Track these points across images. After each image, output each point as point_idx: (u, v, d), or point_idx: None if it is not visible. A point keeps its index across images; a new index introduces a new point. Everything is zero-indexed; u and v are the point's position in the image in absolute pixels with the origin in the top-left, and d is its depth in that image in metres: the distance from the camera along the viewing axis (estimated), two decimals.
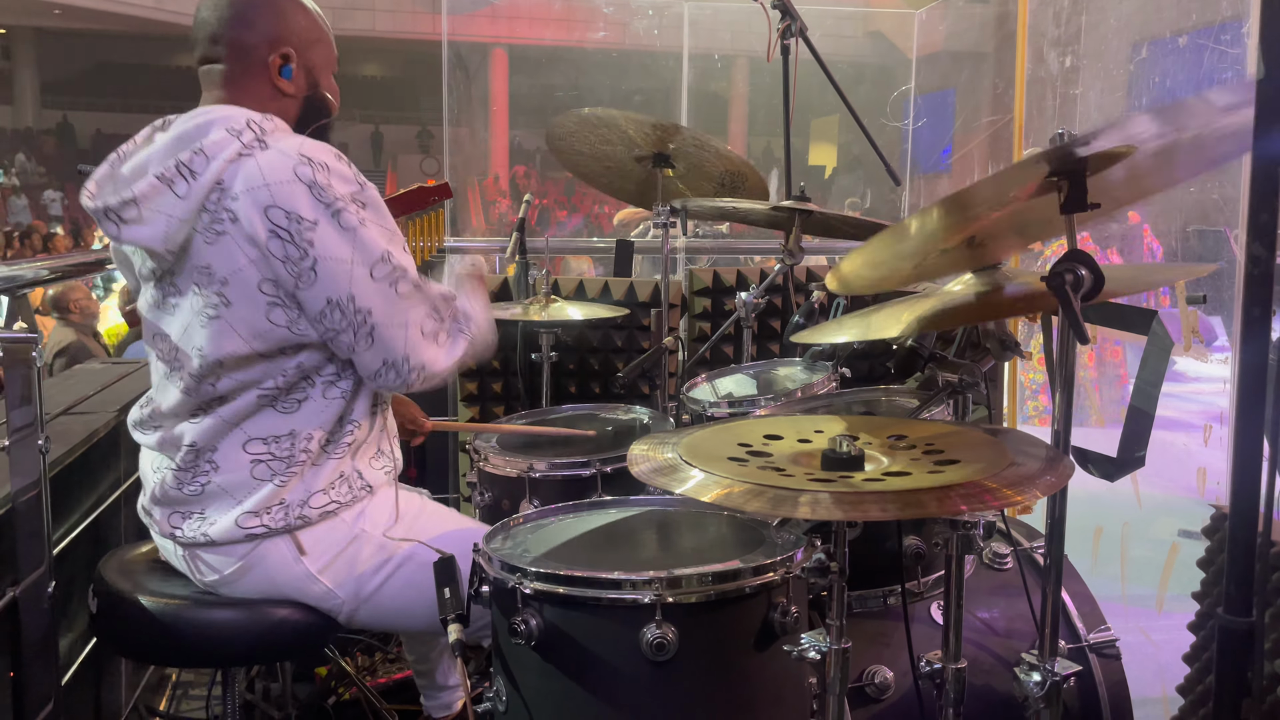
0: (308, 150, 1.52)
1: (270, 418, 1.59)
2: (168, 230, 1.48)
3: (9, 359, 1.66)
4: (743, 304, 2.35)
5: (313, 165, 1.50)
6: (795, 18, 2.55)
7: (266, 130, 1.53)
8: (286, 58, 1.63)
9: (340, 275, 1.50)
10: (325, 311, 1.52)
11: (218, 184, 1.48)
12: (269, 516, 1.59)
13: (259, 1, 1.62)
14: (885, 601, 1.77)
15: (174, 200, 1.48)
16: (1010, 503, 1.08)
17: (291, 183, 1.48)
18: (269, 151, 1.50)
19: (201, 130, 1.50)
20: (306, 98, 1.68)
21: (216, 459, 1.59)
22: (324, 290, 1.50)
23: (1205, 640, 2.11)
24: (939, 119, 7.41)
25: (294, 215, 1.47)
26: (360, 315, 1.53)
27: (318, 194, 1.49)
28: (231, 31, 1.60)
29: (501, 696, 1.40)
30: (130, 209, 1.49)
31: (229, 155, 1.48)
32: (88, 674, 2.04)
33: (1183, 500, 3.29)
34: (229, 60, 1.61)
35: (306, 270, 1.49)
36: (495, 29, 11.65)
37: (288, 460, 1.60)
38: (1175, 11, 3.68)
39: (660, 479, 1.22)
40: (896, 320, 1.43)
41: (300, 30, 1.65)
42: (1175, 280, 2.57)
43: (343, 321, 1.53)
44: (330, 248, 1.49)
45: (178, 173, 1.48)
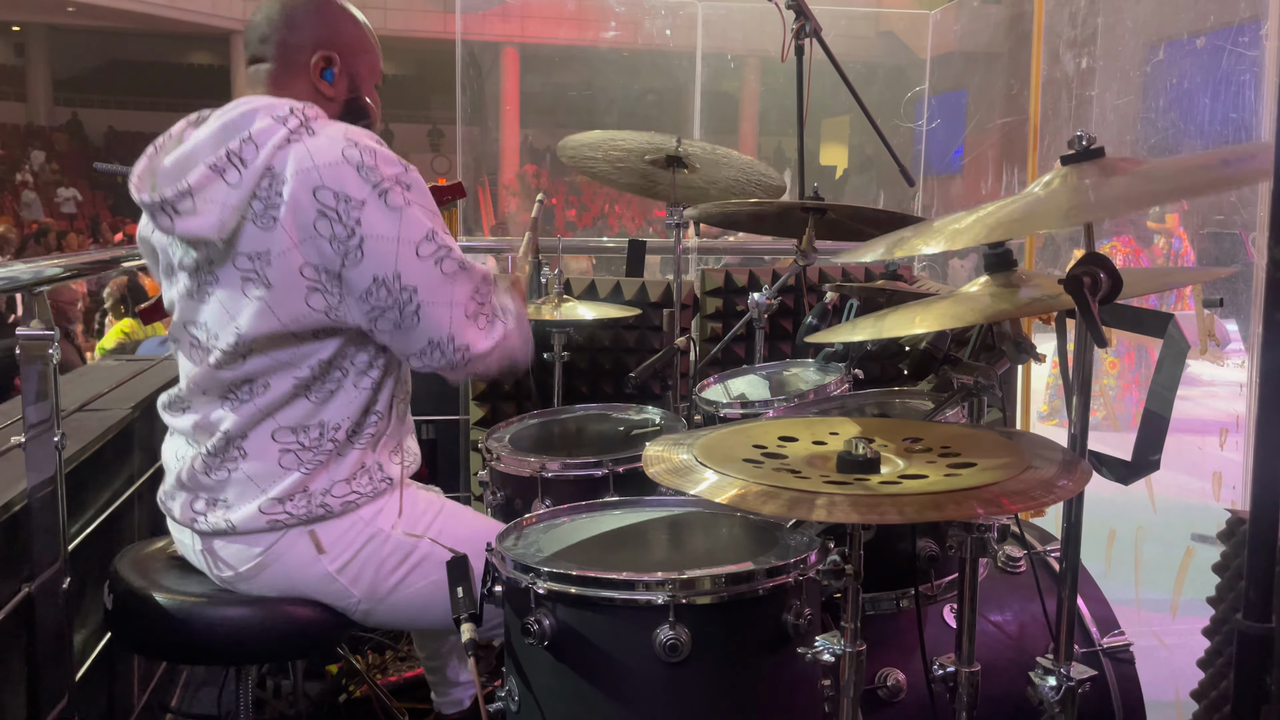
0: (353, 134, 1.55)
1: (301, 407, 1.60)
2: (222, 219, 1.50)
3: (26, 355, 1.67)
4: (755, 304, 2.35)
5: (359, 147, 1.53)
6: (809, 18, 2.55)
7: (310, 117, 1.56)
8: (329, 61, 1.67)
9: (387, 253, 1.52)
10: (371, 289, 1.53)
11: (268, 169, 1.50)
12: (291, 504, 1.60)
13: (308, 6, 1.67)
14: (898, 604, 1.76)
15: (226, 189, 1.50)
16: (1028, 507, 1.08)
17: (340, 164, 1.51)
18: (316, 136, 1.53)
19: (247, 119, 1.52)
20: (346, 102, 1.72)
21: (246, 446, 1.61)
22: (370, 268, 1.52)
23: (1220, 645, 2.09)
24: (951, 119, 7.39)
25: (342, 195, 1.50)
26: (406, 293, 1.54)
27: (365, 174, 1.52)
28: (279, 33, 1.65)
29: (514, 696, 1.40)
30: (185, 200, 1.50)
31: (277, 141, 1.51)
32: (101, 670, 2.05)
33: (1197, 504, 3.27)
34: (275, 60, 1.65)
35: (354, 249, 1.51)
36: (507, 28, 11.68)
37: (315, 450, 1.61)
38: (1193, 13, 3.66)
39: (675, 480, 1.22)
40: (910, 321, 1.43)
41: (346, 38, 1.70)
42: (1191, 283, 2.55)
43: (389, 299, 1.54)
44: (377, 226, 1.52)
45: (229, 161, 1.50)
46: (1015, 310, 1.34)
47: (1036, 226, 1.48)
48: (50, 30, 21.15)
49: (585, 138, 2.58)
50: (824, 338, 1.66)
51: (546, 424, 2.40)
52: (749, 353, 3.08)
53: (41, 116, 21.51)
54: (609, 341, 3.18)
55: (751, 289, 3.11)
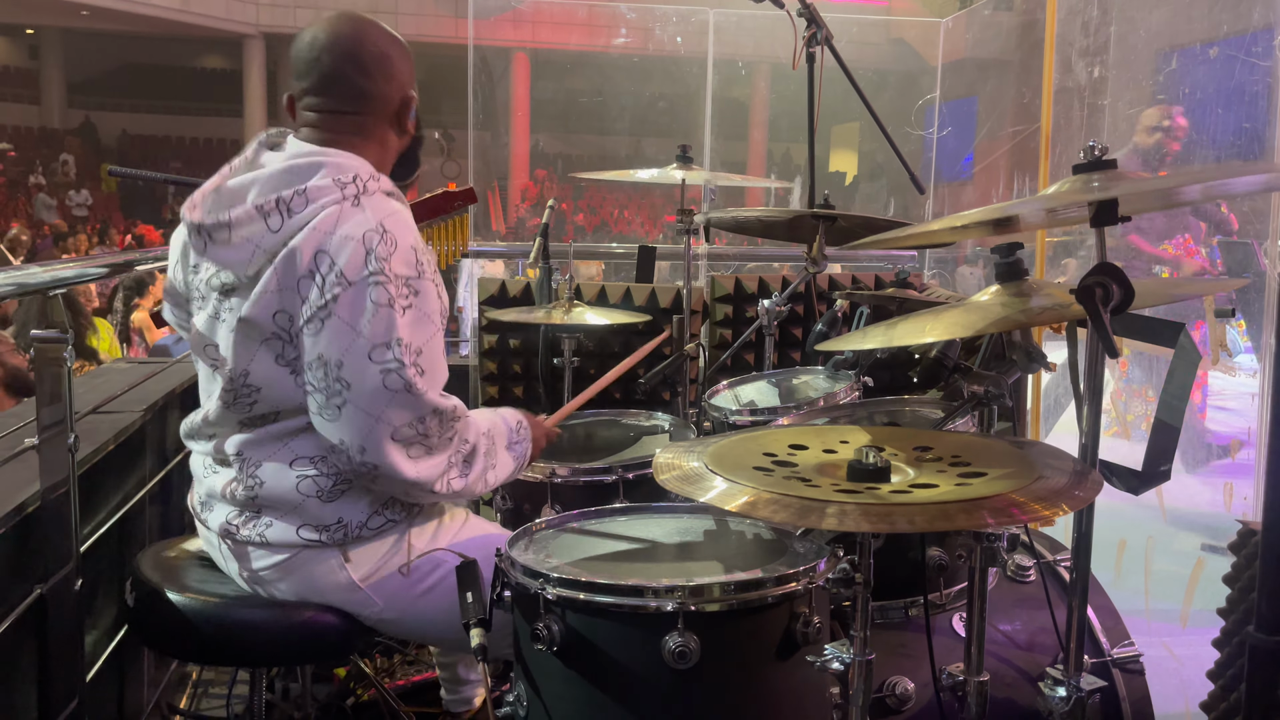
0: (389, 223, 1.54)
1: (316, 438, 1.60)
2: (251, 258, 1.52)
3: (40, 358, 1.68)
4: (765, 311, 2.35)
5: (384, 237, 1.52)
6: (821, 25, 2.55)
7: (369, 190, 1.56)
8: (411, 101, 1.69)
9: (342, 338, 1.49)
10: (311, 364, 1.52)
11: (306, 225, 1.51)
12: (327, 534, 1.62)
13: (387, 52, 1.65)
14: (906, 613, 1.76)
15: (264, 232, 1.51)
16: (1038, 517, 1.08)
17: (354, 240, 1.50)
18: (357, 209, 1.53)
19: (312, 169, 1.53)
20: (415, 137, 1.75)
21: (260, 474, 1.62)
22: (321, 346, 1.51)
23: (1230, 656, 2.08)
24: (962, 127, 7.39)
25: (336, 268, 1.49)
26: (339, 384, 1.50)
27: (369, 260, 1.50)
28: (372, 84, 1.63)
29: (522, 701, 1.40)
30: (222, 232, 1.52)
31: (326, 202, 1.52)
32: (111, 671, 2.06)
33: (1208, 515, 3.26)
34: (366, 111, 1.64)
35: (318, 320, 1.50)
36: (519, 33, 11.70)
37: (334, 477, 1.61)
38: (1206, 22, 3.65)
39: (686, 487, 1.23)
40: (921, 330, 1.43)
41: (410, 69, 1.71)
42: (1203, 294, 2.55)
43: (322, 382, 1.52)
44: (347, 310, 1.49)
45: (275, 207, 1.51)
46: (1026, 319, 1.34)
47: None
48: (64, 34, 21.28)
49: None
50: (834, 345, 1.67)
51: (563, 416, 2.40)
52: (758, 359, 3.08)
53: (55, 120, 21.64)
54: (619, 347, 3.18)
55: (761, 296, 3.12)
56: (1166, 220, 4.07)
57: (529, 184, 15.43)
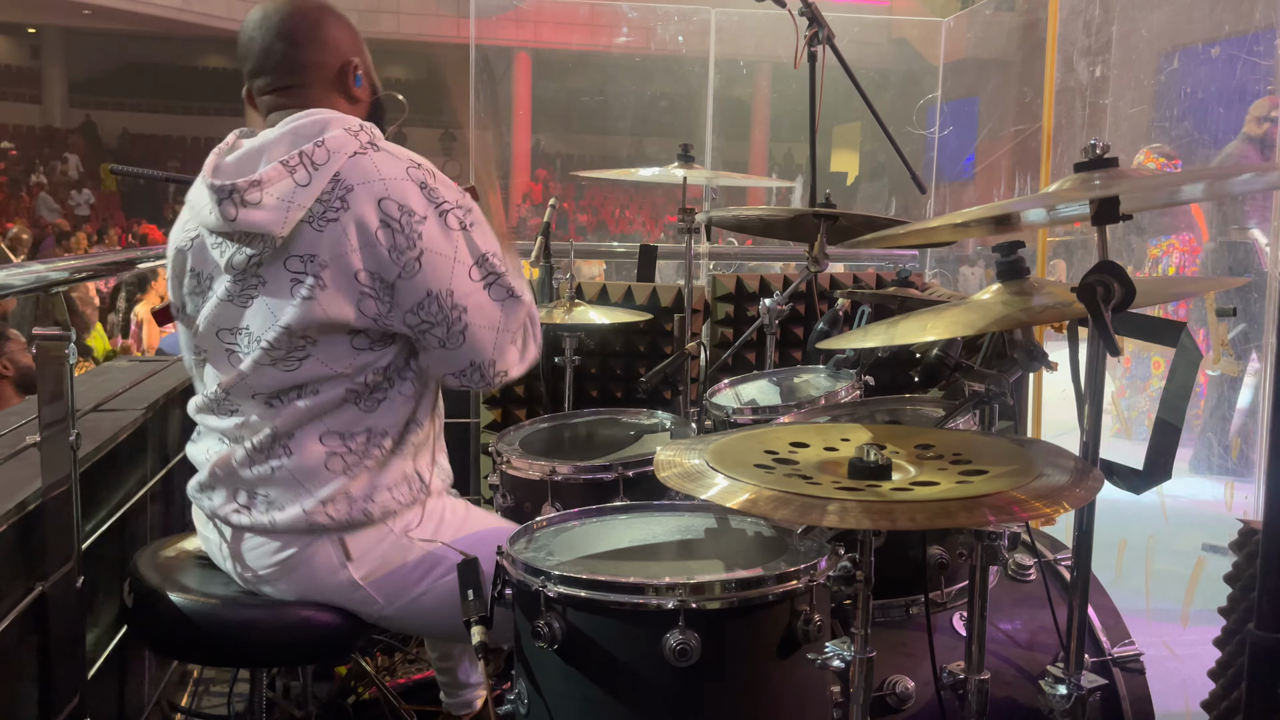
0: (416, 157, 1.61)
1: (350, 414, 1.62)
2: (287, 216, 1.51)
3: (42, 355, 1.68)
4: (766, 310, 2.35)
5: (423, 169, 1.59)
6: (823, 25, 2.55)
7: (375, 136, 1.61)
8: (355, 66, 1.70)
9: (443, 269, 1.56)
10: (424, 303, 1.56)
11: (336, 175, 1.53)
12: (333, 507, 1.61)
13: (321, 21, 1.67)
14: (907, 611, 1.76)
15: (294, 187, 1.52)
16: (1039, 515, 1.08)
17: (404, 180, 1.55)
18: (382, 153, 1.58)
19: (319, 126, 1.56)
20: (372, 101, 1.75)
21: (292, 445, 1.61)
22: (426, 282, 1.55)
23: (1231, 655, 2.08)
24: (963, 127, 7.39)
25: (405, 208, 1.54)
26: (456, 311, 1.57)
27: (428, 194, 1.56)
28: (305, 56, 1.65)
29: (523, 699, 1.40)
30: (254, 191, 1.51)
31: (349, 151, 1.55)
32: (112, 669, 2.06)
33: (1209, 514, 3.26)
34: (310, 83, 1.66)
35: (412, 260, 1.54)
36: (520, 33, 11.71)
37: (361, 455, 1.63)
38: (1207, 22, 3.65)
39: (687, 485, 1.23)
40: (922, 329, 1.43)
41: (351, 36, 1.72)
42: (1204, 292, 2.54)
43: (439, 315, 1.57)
44: (436, 242, 1.55)
45: (301, 162, 1.53)
46: (1027, 318, 1.34)
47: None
48: (65, 33, 21.29)
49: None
50: (835, 344, 1.67)
51: (557, 428, 2.40)
52: (760, 358, 3.08)
53: (57, 119, 21.64)
54: (620, 346, 3.18)
55: (763, 295, 3.12)
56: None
57: (530, 184, 15.44)
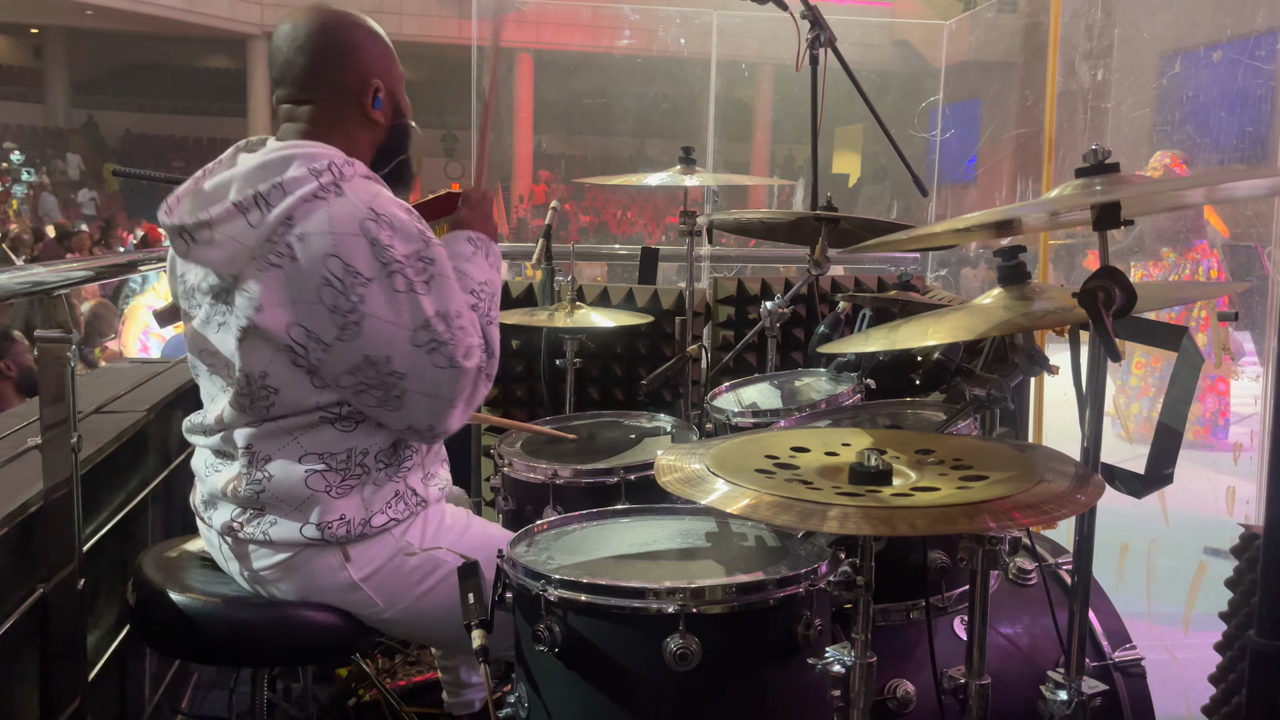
0: (378, 205, 1.53)
1: (327, 434, 1.60)
2: (234, 255, 1.51)
3: (43, 357, 1.68)
4: (768, 313, 2.35)
5: (379, 222, 1.51)
6: (824, 28, 2.55)
7: (345, 175, 1.54)
8: (376, 90, 1.67)
9: (383, 335, 1.51)
10: (360, 366, 1.52)
11: (287, 219, 1.50)
12: (329, 531, 1.61)
13: (348, 39, 1.65)
14: (908, 615, 1.76)
15: (245, 228, 1.50)
16: (1040, 520, 1.08)
17: (355, 236, 1.50)
18: (342, 199, 1.52)
19: (285, 163, 1.52)
20: (392, 127, 1.72)
21: (270, 468, 1.61)
22: (364, 347, 1.51)
23: (1232, 661, 2.08)
24: (965, 129, 7.39)
25: (351, 268, 1.49)
26: (394, 377, 1.53)
27: (377, 253, 1.50)
28: (324, 70, 1.63)
29: (524, 703, 1.40)
30: (204, 231, 1.51)
31: (304, 194, 1.50)
32: (113, 671, 2.06)
33: (1210, 518, 3.25)
34: (323, 100, 1.64)
35: (352, 324, 1.50)
36: (522, 34, 11.72)
37: (343, 473, 1.62)
38: (1209, 25, 3.65)
39: (688, 490, 1.23)
40: (923, 333, 1.43)
41: (381, 59, 1.69)
42: (1207, 297, 2.54)
43: (375, 379, 1.53)
44: (379, 307, 1.50)
45: (254, 203, 1.50)
46: (1029, 323, 1.34)
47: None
48: (68, 33, 21.31)
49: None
50: (837, 348, 1.67)
51: (558, 429, 2.40)
52: (761, 361, 3.08)
53: (59, 119, 21.67)
54: (621, 348, 3.18)
55: (764, 298, 3.12)
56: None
57: (531, 186, 15.44)
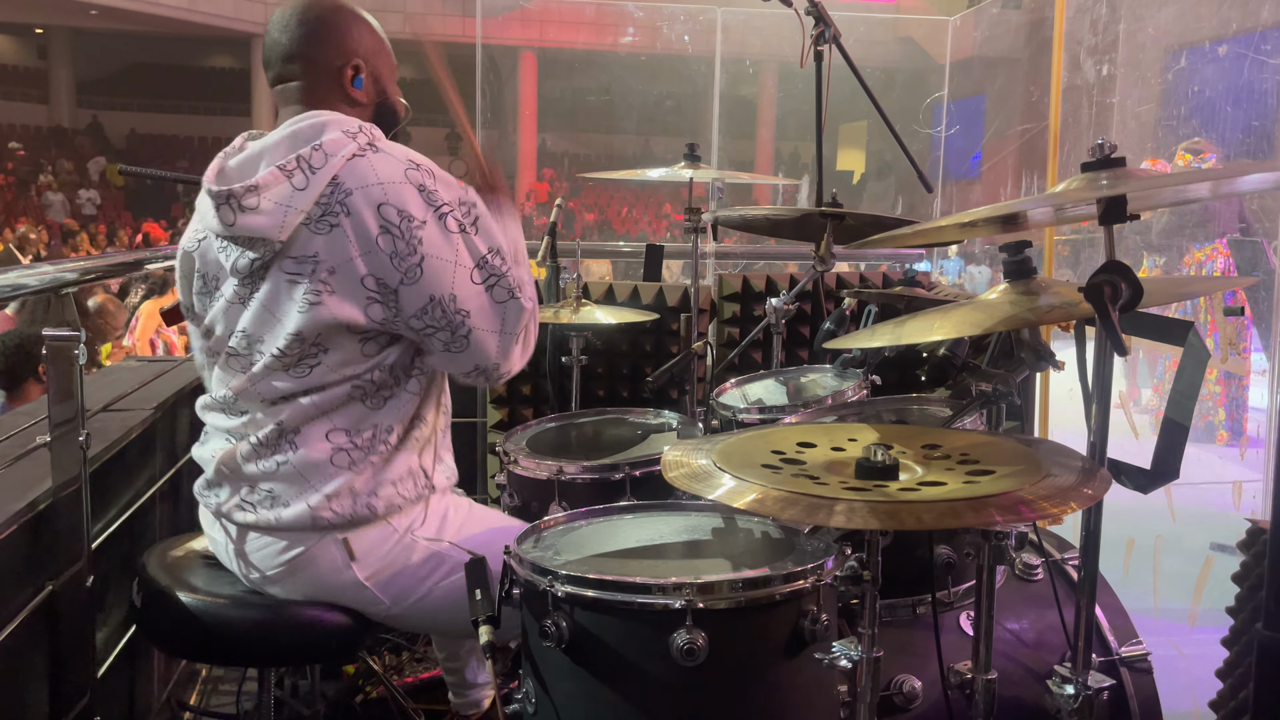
0: (415, 157, 1.60)
1: (356, 410, 1.63)
2: (284, 220, 1.52)
3: (52, 356, 1.69)
4: (773, 310, 2.35)
5: (421, 170, 1.58)
6: (829, 24, 2.55)
7: (376, 137, 1.61)
8: (357, 69, 1.70)
9: (445, 274, 1.56)
10: (427, 308, 1.56)
11: (334, 179, 1.53)
12: (338, 502, 1.61)
13: (327, 19, 1.69)
14: (914, 611, 1.76)
15: (292, 191, 1.53)
16: (1047, 515, 1.08)
17: (403, 184, 1.55)
18: (380, 154, 1.57)
19: (318, 129, 1.57)
20: (377, 105, 1.75)
21: (298, 441, 1.61)
22: (428, 287, 1.55)
23: (1239, 655, 2.08)
24: (970, 125, 7.38)
25: (405, 213, 1.54)
26: (460, 316, 1.57)
27: (426, 196, 1.56)
28: (304, 48, 1.67)
29: (531, 698, 1.41)
30: (251, 196, 1.53)
31: (346, 154, 1.55)
32: (122, 668, 2.07)
33: (1217, 513, 3.25)
34: (305, 76, 1.68)
35: (413, 266, 1.54)
36: (526, 32, 11.72)
37: (367, 450, 1.63)
38: (1215, 20, 3.63)
39: (695, 485, 1.23)
40: (929, 328, 1.43)
41: (365, 42, 1.73)
42: (1213, 291, 2.54)
43: (442, 319, 1.57)
44: (437, 247, 1.55)
45: (298, 166, 1.53)
46: (1035, 318, 1.33)
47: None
48: (73, 33, 21.36)
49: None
50: (843, 343, 1.67)
51: (564, 427, 2.40)
52: (766, 358, 3.08)
53: (64, 119, 21.71)
54: (626, 346, 3.19)
55: (769, 294, 3.12)
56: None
57: (535, 183, 15.44)
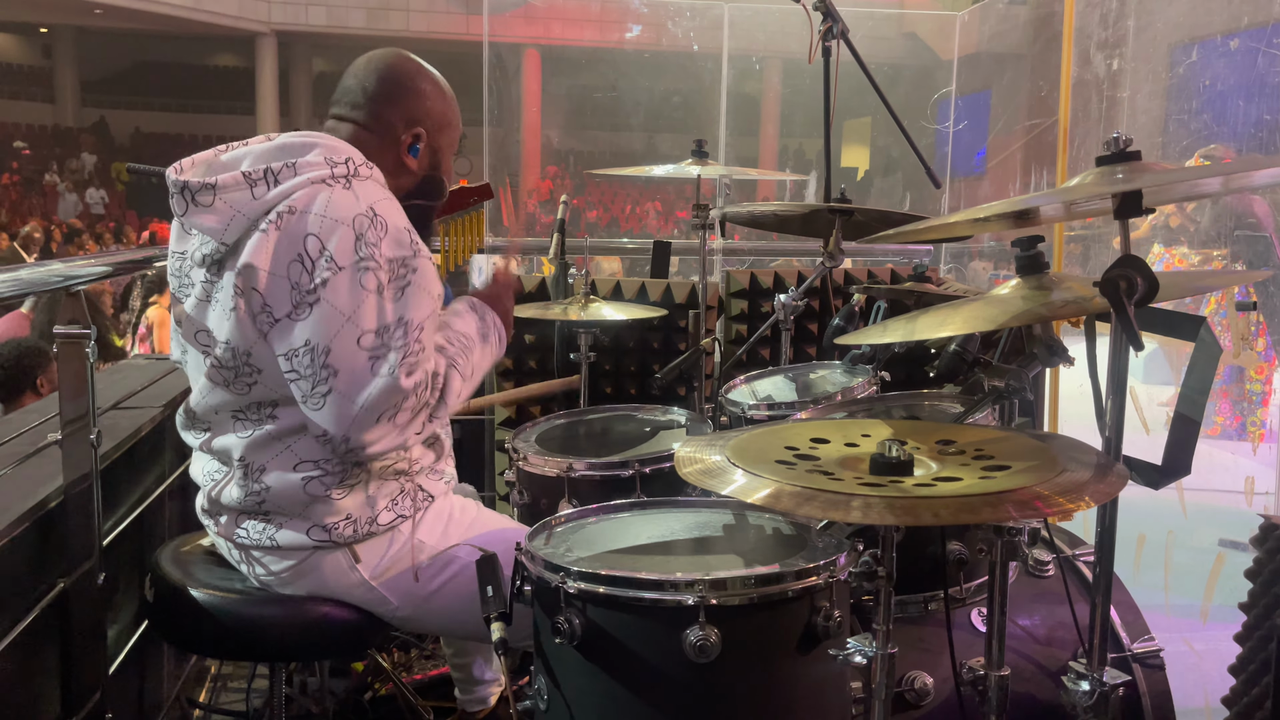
0: (380, 207, 1.53)
1: (317, 440, 1.58)
2: (230, 224, 1.51)
3: (63, 354, 1.69)
4: (781, 306, 2.34)
5: (374, 221, 1.51)
6: (837, 19, 2.54)
7: (360, 175, 1.56)
8: (418, 137, 1.69)
9: (331, 325, 1.48)
10: (298, 350, 1.50)
11: (287, 195, 1.51)
12: (336, 532, 1.61)
13: (405, 82, 1.68)
14: (926, 607, 1.76)
15: (247, 199, 1.51)
16: (1063, 510, 1.07)
17: (344, 224, 1.49)
18: (346, 192, 1.52)
19: (304, 148, 1.55)
20: (425, 177, 1.73)
21: (266, 479, 1.60)
22: (309, 331, 1.49)
23: (1252, 651, 2.07)
24: (976, 121, 7.36)
25: (325, 252, 1.48)
26: (325, 372, 1.49)
27: (359, 245, 1.49)
28: (374, 104, 1.67)
29: (543, 695, 1.40)
30: (206, 194, 1.52)
31: (313, 177, 1.52)
32: (132, 665, 2.07)
33: (1228, 510, 3.24)
34: (366, 126, 1.67)
35: (305, 304, 1.48)
36: (531, 29, 11.70)
37: (341, 475, 1.60)
38: (1226, 14, 3.61)
39: (709, 480, 1.22)
40: (941, 323, 1.42)
41: (436, 114, 1.72)
42: (1226, 286, 2.52)
43: (309, 369, 1.49)
44: (338, 297, 1.48)
45: (263, 176, 1.52)
46: (1048, 313, 1.33)
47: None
48: (78, 32, 21.38)
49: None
50: (854, 339, 1.66)
51: (572, 424, 2.40)
52: (774, 354, 3.08)
53: (69, 118, 21.74)
54: (634, 343, 3.18)
55: (777, 290, 3.11)
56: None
57: (539, 181, 15.42)
